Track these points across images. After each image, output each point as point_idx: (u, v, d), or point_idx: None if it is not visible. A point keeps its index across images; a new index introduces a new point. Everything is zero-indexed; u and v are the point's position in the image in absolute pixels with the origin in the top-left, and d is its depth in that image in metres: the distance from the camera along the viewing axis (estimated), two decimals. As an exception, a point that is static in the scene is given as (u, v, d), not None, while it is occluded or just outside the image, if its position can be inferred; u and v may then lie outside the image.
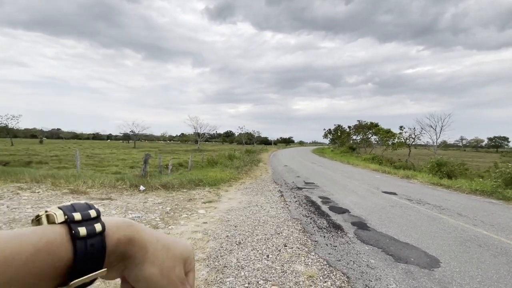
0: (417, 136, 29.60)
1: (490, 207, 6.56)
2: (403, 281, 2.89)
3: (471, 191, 8.61)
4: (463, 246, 3.93)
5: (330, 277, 2.95)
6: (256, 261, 3.26)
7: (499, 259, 3.50)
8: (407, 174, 12.60)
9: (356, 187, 9.01)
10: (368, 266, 3.23)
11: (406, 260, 3.39)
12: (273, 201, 6.52)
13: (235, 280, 2.82)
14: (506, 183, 8.90)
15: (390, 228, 4.65)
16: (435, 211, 5.94)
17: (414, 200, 7.05)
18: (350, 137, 45.77)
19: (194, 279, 0.35)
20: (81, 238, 0.24)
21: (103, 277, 0.27)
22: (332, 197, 7.12)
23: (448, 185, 9.71)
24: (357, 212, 5.66)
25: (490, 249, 3.85)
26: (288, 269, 3.08)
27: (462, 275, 3.06)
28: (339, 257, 3.44)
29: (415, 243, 3.99)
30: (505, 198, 7.52)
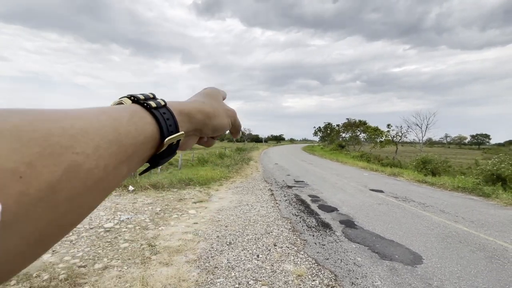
0: (404, 134, 30.40)
1: (471, 204, 6.85)
2: (387, 278, 3.01)
3: (453, 188, 8.94)
4: (445, 242, 4.11)
5: (319, 276, 3.04)
6: (247, 261, 3.31)
7: (478, 255, 3.69)
8: (394, 172, 12.94)
9: (344, 185, 9.19)
10: (355, 264, 3.34)
11: (391, 257, 3.52)
12: (264, 200, 6.58)
13: (226, 280, 2.86)
14: (486, 180, 9.31)
15: (376, 226, 4.80)
16: (419, 208, 6.16)
17: (400, 198, 7.27)
18: (339, 134, 46.46)
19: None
20: (154, 108, 0.29)
21: (182, 148, 0.36)
22: (321, 196, 7.25)
23: (432, 182, 10.05)
24: (345, 210, 5.80)
25: (469, 245, 4.04)
26: (278, 269, 3.14)
27: (443, 271, 3.21)
28: (327, 256, 3.54)
29: (400, 240, 4.14)
30: (485, 195, 7.85)
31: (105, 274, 2.88)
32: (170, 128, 0.30)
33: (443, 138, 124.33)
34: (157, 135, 0.28)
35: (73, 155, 0.19)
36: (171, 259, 3.27)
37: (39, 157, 0.17)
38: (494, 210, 6.21)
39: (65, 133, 0.19)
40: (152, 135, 0.28)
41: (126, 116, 0.26)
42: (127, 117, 0.26)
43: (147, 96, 0.31)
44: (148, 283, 2.72)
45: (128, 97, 0.30)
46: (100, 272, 2.90)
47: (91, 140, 0.21)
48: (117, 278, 2.81)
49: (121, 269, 2.99)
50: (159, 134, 0.29)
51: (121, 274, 2.88)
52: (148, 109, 0.29)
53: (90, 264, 3.05)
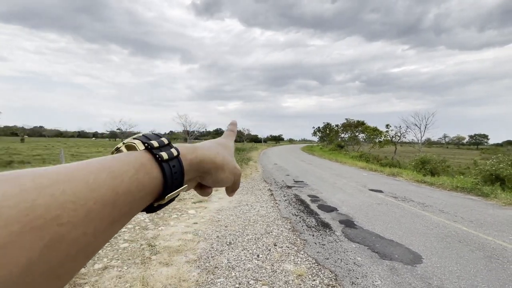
0: (403, 134, 30.50)
1: (469, 204, 6.87)
2: (387, 278, 3.01)
3: (452, 188, 8.97)
4: (444, 242, 4.13)
5: (319, 276, 3.04)
6: (247, 261, 3.31)
7: (477, 254, 3.70)
8: (393, 172, 12.97)
9: (344, 185, 9.21)
10: (355, 263, 3.35)
11: (391, 257, 3.53)
12: (263, 200, 6.59)
13: (226, 280, 2.86)
14: (485, 180, 9.33)
15: (376, 225, 4.81)
16: (418, 208, 6.18)
17: (399, 198, 7.29)
18: (338, 135, 46.54)
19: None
20: (164, 161, 0.28)
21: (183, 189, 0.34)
22: (321, 196, 7.26)
23: (431, 182, 10.08)
24: (345, 210, 5.81)
25: (468, 244, 4.06)
26: (278, 269, 3.15)
27: (442, 270, 3.22)
28: (327, 256, 3.54)
29: (400, 240, 4.15)
30: (483, 195, 7.88)
31: (105, 274, 2.87)
32: (175, 183, 0.29)
33: (442, 138, 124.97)
34: (159, 189, 0.28)
35: (57, 227, 0.18)
36: (171, 259, 3.27)
37: (17, 236, 0.16)
38: (493, 210, 6.24)
39: (52, 203, 0.18)
40: (154, 191, 0.27)
41: (131, 172, 0.25)
42: (131, 173, 0.25)
43: (161, 143, 0.30)
44: (148, 283, 2.72)
45: (142, 141, 0.29)
46: (100, 272, 2.89)
47: (82, 206, 0.20)
48: (117, 278, 2.80)
49: (121, 269, 2.99)
50: (162, 189, 0.28)
51: (121, 274, 2.88)
52: (158, 161, 0.28)
53: (90, 264, 3.04)
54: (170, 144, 0.31)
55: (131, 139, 0.30)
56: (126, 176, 0.24)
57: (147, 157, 0.28)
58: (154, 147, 0.29)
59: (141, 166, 0.26)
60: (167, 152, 0.29)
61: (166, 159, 0.28)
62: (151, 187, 0.27)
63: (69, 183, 0.20)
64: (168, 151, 0.29)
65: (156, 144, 0.29)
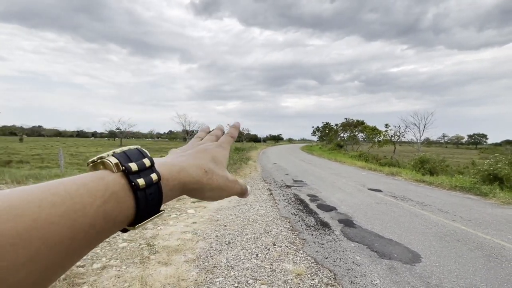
0: (402, 134, 30.54)
1: (468, 203, 6.89)
2: (386, 277, 3.02)
3: (451, 187, 8.99)
4: (443, 241, 4.13)
5: (318, 275, 3.04)
6: (246, 260, 3.31)
7: (475, 253, 3.71)
8: (392, 171, 12.98)
9: (343, 184, 9.21)
10: (354, 263, 3.35)
11: (390, 256, 3.54)
12: (262, 199, 6.58)
13: (225, 280, 2.86)
14: (483, 179, 9.35)
15: (375, 225, 4.81)
16: (417, 207, 6.19)
17: (398, 197, 7.30)
18: (337, 134, 46.57)
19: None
20: (141, 189, 0.25)
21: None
22: (320, 195, 7.26)
23: (430, 181, 10.09)
24: (344, 209, 5.82)
25: (467, 243, 4.06)
26: (277, 268, 3.14)
27: (441, 269, 3.23)
28: (326, 255, 3.54)
29: (398, 239, 4.15)
30: (482, 194, 7.90)
31: (103, 274, 2.86)
32: (150, 212, 0.27)
33: (441, 138, 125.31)
34: (130, 219, 0.25)
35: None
36: (170, 258, 3.26)
37: None
38: (491, 209, 6.25)
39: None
40: (124, 221, 0.25)
41: (97, 202, 0.22)
42: (97, 204, 0.22)
43: (141, 166, 0.27)
44: (147, 282, 2.71)
45: (120, 162, 0.26)
46: (99, 272, 2.89)
47: (25, 249, 0.17)
48: (115, 277, 2.80)
49: (119, 268, 2.98)
50: (133, 218, 0.26)
51: (120, 274, 2.87)
52: (133, 189, 0.25)
53: (89, 264, 3.04)
54: (153, 166, 0.28)
55: (110, 156, 0.26)
56: (90, 209, 0.21)
57: (121, 183, 0.25)
58: (131, 172, 0.26)
59: (111, 196, 0.23)
60: (145, 179, 0.26)
61: (142, 186, 0.25)
62: (121, 218, 0.24)
63: (20, 217, 0.18)
64: (147, 178, 0.26)
65: (135, 167, 0.26)
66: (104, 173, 0.25)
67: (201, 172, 0.33)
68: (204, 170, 0.33)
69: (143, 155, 0.28)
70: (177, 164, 0.32)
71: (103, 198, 0.23)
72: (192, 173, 0.32)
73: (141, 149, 0.29)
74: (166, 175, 0.29)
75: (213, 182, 0.34)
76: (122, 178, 0.25)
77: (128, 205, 0.25)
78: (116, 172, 0.25)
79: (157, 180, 0.27)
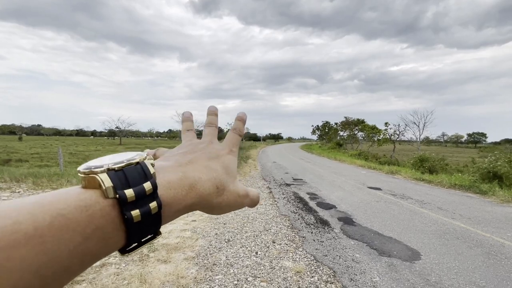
0: (401, 133, 30.53)
1: (467, 201, 6.89)
2: (386, 274, 3.01)
3: (450, 186, 9.00)
4: (442, 239, 4.13)
5: (317, 272, 3.04)
6: (245, 258, 3.30)
7: (475, 251, 3.71)
8: (391, 170, 12.99)
9: (343, 183, 9.21)
10: (353, 260, 3.35)
11: (389, 254, 3.53)
12: (262, 197, 6.58)
13: (224, 277, 2.85)
14: (483, 177, 9.37)
15: (374, 222, 4.81)
16: (417, 205, 6.19)
17: (398, 195, 7.30)
18: (337, 133, 46.58)
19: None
20: (135, 223, 0.21)
21: None
22: (320, 193, 7.26)
23: (430, 180, 10.10)
24: (344, 207, 5.81)
25: (466, 241, 4.06)
26: (277, 265, 3.14)
27: (440, 267, 3.23)
28: (325, 252, 3.54)
29: (398, 237, 4.15)
30: (481, 192, 7.91)
31: (102, 271, 2.86)
32: (143, 241, 0.23)
33: (440, 137, 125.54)
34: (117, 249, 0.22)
35: None
36: (169, 256, 3.26)
37: None
38: (491, 207, 6.26)
39: None
40: (109, 253, 0.21)
41: (77, 239, 0.18)
42: (76, 242, 0.18)
43: (140, 193, 0.21)
44: (146, 280, 2.71)
45: (114, 186, 0.21)
46: (98, 270, 2.88)
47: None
48: (115, 275, 2.79)
49: (119, 266, 2.98)
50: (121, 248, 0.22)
51: (119, 272, 2.86)
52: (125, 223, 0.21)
53: (88, 262, 3.03)
54: (155, 192, 0.23)
55: (104, 174, 0.21)
56: (65, 249, 0.17)
57: (111, 216, 0.20)
58: (126, 202, 0.21)
59: (95, 232, 0.19)
60: (142, 210, 0.21)
61: (137, 220, 0.21)
62: (105, 254, 0.21)
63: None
64: (144, 208, 0.21)
65: (131, 196, 0.21)
66: (90, 200, 0.20)
67: (213, 188, 0.28)
68: (217, 186, 0.29)
69: (145, 176, 0.23)
70: (187, 180, 0.26)
71: (83, 235, 0.18)
72: (203, 192, 0.27)
73: (144, 167, 0.24)
74: (170, 199, 0.24)
75: (223, 200, 0.30)
76: (114, 208, 0.20)
77: (116, 240, 0.21)
78: (107, 198, 0.20)
79: (157, 210, 0.23)
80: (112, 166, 0.22)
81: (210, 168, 0.29)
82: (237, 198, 0.31)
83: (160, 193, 0.23)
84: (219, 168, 0.30)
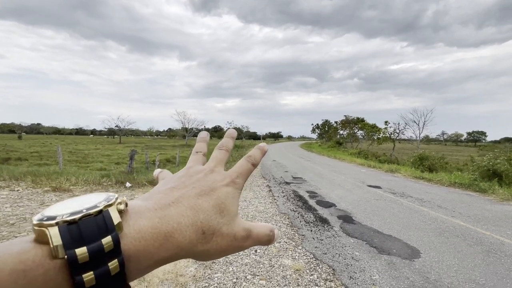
0: (401, 131, 30.53)
1: (467, 199, 6.89)
2: (385, 272, 3.01)
3: (450, 184, 8.99)
4: (442, 237, 4.13)
5: (317, 270, 3.03)
6: (244, 256, 3.29)
7: (475, 249, 3.70)
8: (391, 168, 12.99)
9: (342, 181, 9.21)
10: (353, 258, 3.34)
11: (389, 252, 3.53)
12: (262, 196, 6.57)
13: (223, 275, 2.84)
14: (482, 175, 9.36)
15: (374, 221, 4.80)
16: (416, 203, 6.18)
17: (398, 193, 7.30)
18: (337, 132, 46.56)
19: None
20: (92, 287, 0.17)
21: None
22: (319, 192, 7.25)
23: (429, 178, 10.10)
24: (343, 205, 5.81)
25: (466, 239, 4.06)
26: (276, 263, 3.13)
27: (440, 265, 3.22)
28: (325, 250, 3.53)
29: (398, 235, 4.15)
30: (481, 190, 7.91)
31: (101, 269, 2.85)
32: None
33: (440, 136, 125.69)
34: None
35: None
36: (168, 254, 3.24)
37: None
38: (490, 205, 6.25)
39: None
40: None
41: None
42: None
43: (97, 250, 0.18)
44: (144, 278, 2.70)
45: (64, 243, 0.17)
46: (96, 268, 2.87)
47: None
48: (113, 273, 2.78)
49: (117, 264, 2.97)
50: None
51: (118, 270, 2.85)
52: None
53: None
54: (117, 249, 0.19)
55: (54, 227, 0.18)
56: None
57: (57, 281, 0.17)
58: (77, 264, 0.17)
59: None
60: (98, 272, 0.18)
61: (91, 285, 0.17)
62: None
63: None
64: (100, 270, 0.18)
65: (83, 256, 0.17)
66: (33, 262, 0.16)
67: (196, 235, 0.23)
68: (202, 231, 0.24)
69: (106, 229, 0.19)
70: (163, 227, 0.22)
71: None
72: (182, 241, 0.22)
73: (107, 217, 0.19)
74: (139, 253, 0.20)
75: (211, 247, 0.24)
76: (61, 272, 0.17)
77: None
78: (55, 259, 0.17)
79: (119, 270, 0.19)
80: (67, 217, 0.18)
81: (197, 209, 0.24)
82: (232, 243, 0.26)
83: (127, 246, 0.19)
84: (209, 207, 0.25)
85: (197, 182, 0.27)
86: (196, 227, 0.23)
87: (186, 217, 0.23)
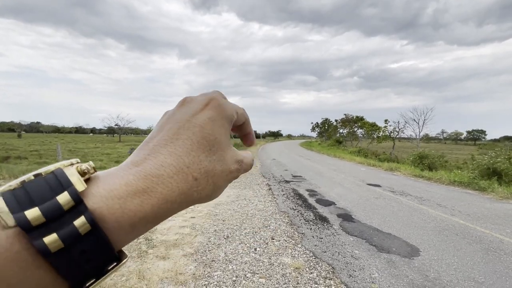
0: (401, 130, 30.52)
1: (467, 198, 6.89)
2: (385, 270, 3.01)
3: (450, 182, 9.00)
4: (441, 235, 4.13)
5: (316, 268, 3.03)
6: (244, 254, 3.30)
7: (474, 247, 3.71)
8: (391, 167, 12.99)
9: (342, 179, 9.21)
10: (352, 256, 3.34)
11: (388, 250, 3.53)
12: (261, 194, 6.57)
13: (223, 274, 2.84)
14: (482, 174, 9.37)
15: (374, 219, 4.81)
16: (416, 202, 6.19)
17: (397, 192, 7.30)
18: (337, 130, 46.55)
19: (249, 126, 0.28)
20: (54, 253, 0.15)
21: None
22: (319, 190, 7.26)
23: (429, 176, 10.10)
24: (343, 204, 5.81)
25: (466, 237, 4.06)
26: (276, 262, 3.13)
27: (439, 263, 3.23)
28: (324, 249, 3.54)
29: (397, 233, 4.15)
30: (480, 189, 7.91)
31: (101, 268, 2.85)
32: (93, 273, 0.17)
33: (440, 134, 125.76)
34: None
35: None
36: (168, 252, 3.25)
37: None
38: (490, 204, 6.26)
39: None
40: None
41: None
42: None
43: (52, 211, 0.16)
44: (144, 276, 2.70)
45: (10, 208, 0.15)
46: (96, 266, 2.87)
47: None
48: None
49: (117, 263, 2.97)
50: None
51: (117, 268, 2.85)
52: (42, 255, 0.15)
53: (86, 258, 3.02)
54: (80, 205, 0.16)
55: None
56: None
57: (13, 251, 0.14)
58: (30, 227, 0.15)
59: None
60: (63, 232, 0.15)
61: (57, 249, 0.15)
62: None
63: None
64: (66, 229, 0.16)
65: (37, 217, 0.15)
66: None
67: (186, 184, 0.20)
68: (193, 177, 0.21)
69: (60, 186, 0.17)
70: (140, 183, 0.19)
71: None
72: (170, 194, 0.19)
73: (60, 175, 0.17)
74: (117, 212, 0.17)
75: (209, 189, 0.22)
76: (17, 240, 0.15)
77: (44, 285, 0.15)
78: (6, 229, 0.15)
79: (90, 228, 0.16)
80: (13, 185, 0.16)
81: (178, 152, 0.21)
82: (227, 177, 0.23)
83: (97, 205, 0.17)
84: (193, 145, 0.21)
85: (171, 118, 0.23)
86: (183, 174, 0.20)
87: (167, 166, 0.20)
